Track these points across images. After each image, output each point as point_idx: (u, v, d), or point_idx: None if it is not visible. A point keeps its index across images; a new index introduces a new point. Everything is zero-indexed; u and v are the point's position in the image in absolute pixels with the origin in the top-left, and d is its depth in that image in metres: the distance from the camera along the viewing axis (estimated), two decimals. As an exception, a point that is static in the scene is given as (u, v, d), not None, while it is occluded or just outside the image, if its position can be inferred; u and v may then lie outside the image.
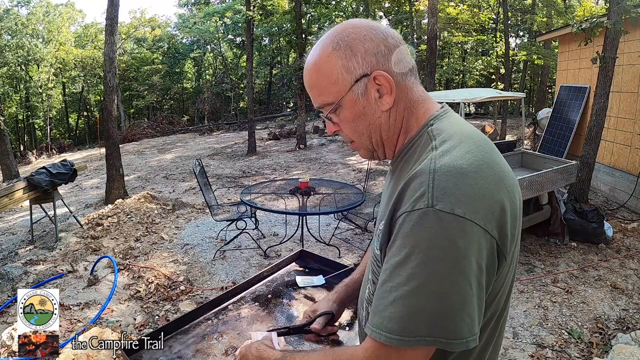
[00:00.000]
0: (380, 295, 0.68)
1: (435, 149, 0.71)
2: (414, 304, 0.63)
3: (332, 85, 0.77)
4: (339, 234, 4.92)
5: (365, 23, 0.79)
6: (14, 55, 20.60)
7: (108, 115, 6.92)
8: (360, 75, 0.76)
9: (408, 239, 0.65)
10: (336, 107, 0.79)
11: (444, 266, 0.62)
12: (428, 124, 0.78)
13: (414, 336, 0.63)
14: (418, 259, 0.63)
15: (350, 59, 0.76)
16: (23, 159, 16.45)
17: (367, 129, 0.80)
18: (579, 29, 5.46)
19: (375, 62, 0.76)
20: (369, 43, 0.76)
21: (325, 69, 0.78)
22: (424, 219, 0.63)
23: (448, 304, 0.62)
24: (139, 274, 3.94)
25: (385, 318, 0.65)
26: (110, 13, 6.88)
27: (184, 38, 28.79)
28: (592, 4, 15.23)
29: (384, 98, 0.77)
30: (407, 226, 0.65)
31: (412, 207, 0.65)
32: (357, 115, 0.79)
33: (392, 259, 0.67)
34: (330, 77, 0.77)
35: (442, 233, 0.62)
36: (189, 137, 18.56)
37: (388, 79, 0.76)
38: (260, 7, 13.27)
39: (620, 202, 5.78)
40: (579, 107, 7.13)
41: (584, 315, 3.16)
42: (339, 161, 10.37)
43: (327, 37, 0.79)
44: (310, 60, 0.80)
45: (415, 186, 0.67)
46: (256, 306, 1.41)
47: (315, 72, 0.80)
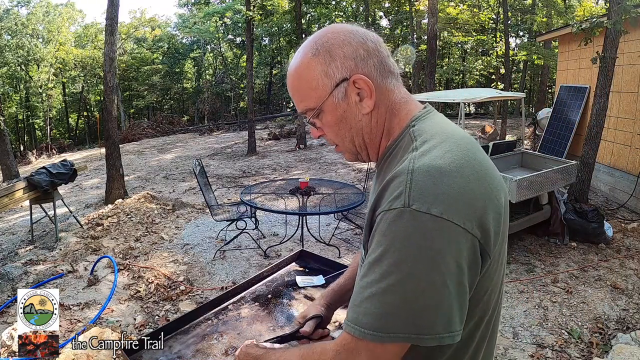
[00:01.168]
0: (358, 291, 0.68)
1: (415, 149, 0.71)
2: (388, 301, 0.64)
3: (313, 90, 0.78)
4: (339, 234, 4.92)
5: (345, 28, 0.80)
6: (14, 55, 20.60)
7: (108, 115, 6.92)
8: (339, 80, 0.77)
9: (384, 237, 0.65)
10: (318, 112, 0.80)
11: (419, 265, 0.62)
12: (410, 125, 0.78)
13: (387, 333, 0.63)
14: (393, 257, 0.64)
15: (330, 64, 0.76)
16: (23, 159, 16.45)
17: (350, 132, 0.81)
18: (579, 29, 5.46)
19: (354, 66, 0.76)
20: (348, 47, 0.77)
21: (306, 74, 0.78)
22: (400, 218, 0.64)
23: (422, 303, 0.63)
24: (139, 274, 3.94)
25: (360, 313, 0.66)
26: (110, 13, 6.88)
27: (184, 38, 28.80)
28: (592, 4, 15.23)
29: (364, 101, 0.78)
30: (384, 225, 0.66)
31: (389, 207, 0.66)
32: (339, 120, 0.80)
33: (369, 256, 0.68)
34: (311, 82, 0.78)
35: (417, 233, 0.63)
36: (189, 137, 18.56)
37: (367, 82, 0.76)
38: (260, 7, 13.28)
39: (620, 202, 5.78)
40: (579, 107, 7.13)
41: (584, 315, 3.16)
42: (339, 161, 10.37)
43: (307, 43, 0.80)
44: (292, 67, 0.81)
45: (394, 186, 0.67)
46: (256, 306, 1.41)
47: (296, 79, 0.81)
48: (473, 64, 19.20)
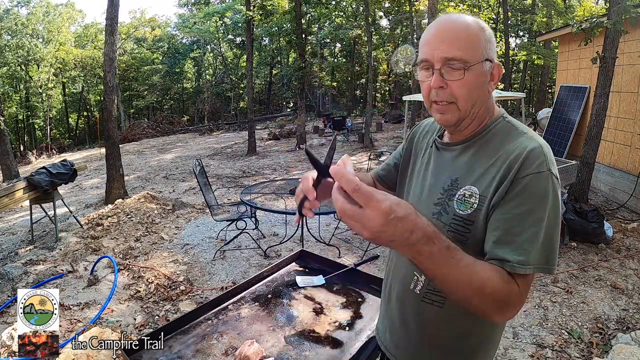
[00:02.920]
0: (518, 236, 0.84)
1: (527, 133, 0.93)
2: (551, 240, 0.85)
3: (473, 49, 0.91)
4: (339, 234, 4.92)
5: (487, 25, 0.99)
6: (14, 55, 20.60)
7: (108, 115, 6.92)
8: (490, 58, 0.94)
9: (534, 193, 0.85)
10: (467, 66, 0.90)
11: (556, 210, 0.86)
12: (502, 116, 0.99)
13: (553, 265, 0.85)
14: (546, 205, 0.85)
15: (489, 43, 0.94)
16: (23, 159, 16.46)
17: (477, 98, 0.95)
18: (579, 29, 5.46)
19: (494, 56, 0.96)
20: (494, 43, 0.98)
21: (474, 35, 0.92)
22: (546, 178, 0.86)
23: (557, 238, 0.87)
24: (139, 274, 3.94)
25: (531, 252, 0.83)
26: (110, 13, 6.88)
27: (184, 38, 28.81)
28: (592, 4, 15.22)
29: (490, 84, 0.96)
30: (534, 184, 0.85)
31: (537, 170, 0.86)
32: (478, 84, 0.93)
33: (521, 207, 0.85)
34: (475, 43, 0.92)
35: (554, 189, 0.86)
36: (189, 137, 18.56)
37: (501, 71, 0.98)
38: (260, 7, 13.28)
39: (620, 202, 5.78)
40: (579, 107, 7.13)
41: (584, 315, 3.16)
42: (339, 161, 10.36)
43: (472, 19, 0.95)
44: (463, 22, 0.93)
45: (535, 155, 0.87)
46: (256, 306, 1.40)
47: (465, 31, 0.92)
48: (473, 64, 19.16)
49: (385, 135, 14.81)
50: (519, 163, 0.87)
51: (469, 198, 0.92)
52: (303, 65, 12.55)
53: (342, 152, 11.73)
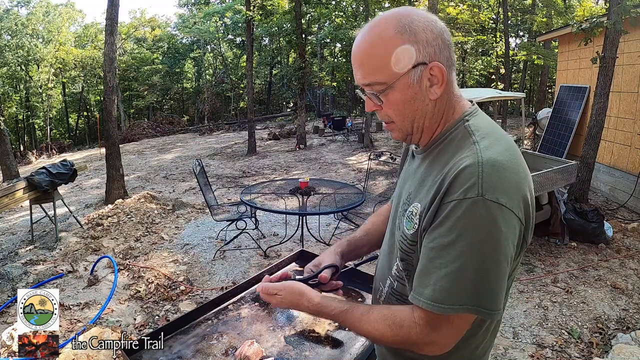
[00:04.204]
0: (430, 271, 0.76)
1: (476, 143, 0.78)
2: (462, 278, 0.72)
3: (388, 66, 0.79)
4: (339, 234, 4.92)
5: (426, 14, 0.82)
6: (14, 55, 20.60)
7: (108, 115, 6.92)
8: (418, 63, 0.79)
9: (459, 222, 0.72)
10: (387, 88, 0.81)
11: (489, 247, 0.71)
12: (464, 119, 0.85)
13: (460, 304, 0.72)
14: (467, 239, 0.72)
15: (415, 44, 0.78)
16: (23, 159, 16.46)
17: (413, 113, 0.84)
18: (579, 29, 5.46)
19: (433, 53, 0.80)
20: (430, 34, 0.79)
21: (386, 49, 0.79)
22: (474, 206, 0.71)
23: (490, 279, 0.72)
24: (139, 274, 3.94)
25: (437, 291, 0.74)
26: (110, 13, 6.88)
27: (184, 38, 28.81)
28: (592, 4, 15.22)
29: (434, 88, 0.82)
30: (459, 211, 0.72)
31: (463, 196, 0.72)
32: (407, 100, 0.82)
33: (440, 239, 0.75)
34: (389, 58, 0.79)
35: (489, 219, 0.71)
36: (189, 137, 18.56)
37: (443, 71, 0.81)
38: (260, 7, 13.27)
39: (620, 202, 5.78)
40: (579, 107, 7.13)
41: (584, 315, 3.16)
42: (339, 161, 10.37)
43: (390, 18, 0.80)
44: (369, 36, 0.81)
45: (466, 176, 0.73)
46: (256, 306, 1.40)
47: (372, 50, 0.80)
48: (473, 64, 19.19)
49: (385, 135, 14.81)
50: (446, 185, 0.75)
51: (413, 216, 0.83)
52: (303, 65, 12.55)
53: (342, 152, 11.73)
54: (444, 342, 0.78)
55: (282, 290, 0.96)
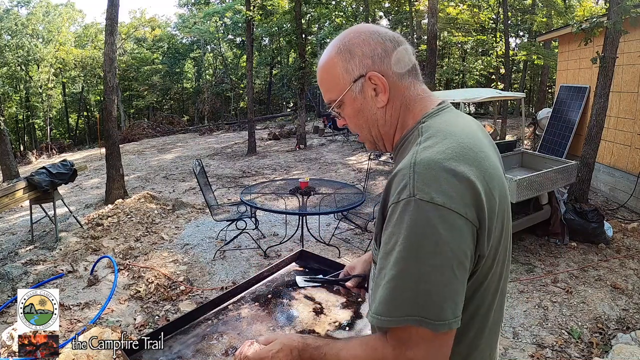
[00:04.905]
0: (378, 283, 0.72)
1: (419, 144, 0.76)
2: (399, 286, 0.68)
3: (335, 84, 0.87)
4: (339, 234, 4.92)
5: (367, 28, 0.87)
6: (14, 55, 20.60)
7: (108, 115, 6.92)
8: (357, 76, 0.85)
9: (395, 228, 0.70)
10: (339, 103, 0.88)
11: (425, 251, 0.66)
12: (421, 120, 0.84)
13: (401, 316, 0.67)
14: (402, 245, 0.68)
15: (349, 62, 0.85)
16: (23, 159, 16.46)
17: (366, 123, 0.89)
18: (579, 29, 5.46)
19: (371, 64, 0.84)
20: (367, 47, 0.84)
21: (331, 70, 0.87)
22: (407, 207, 0.68)
23: (431, 287, 0.66)
24: (139, 274, 3.94)
25: (380, 302, 0.70)
26: (110, 13, 6.88)
27: (184, 38, 28.79)
28: (592, 4, 15.22)
29: (379, 96, 0.85)
30: (394, 216, 0.70)
31: (397, 199, 0.71)
32: (357, 111, 0.88)
33: (383, 247, 0.72)
34: (335, 77, 0.87)
35: (423, 220, 0.67)
36: (189, 137, 18.56)
37: (381, 79, 0.83)
38: (260, 7, 13.28)
39: (620, 202, 5.78)
40: (579, 107, 7.13)
41: (584, 315, 3.16)
42: (339, 161, 10.37)
43: (334, 41, 0.89)
44: (321, 62, 0.90)
45: (398, 180, 0.72)
46: (256, 306, 1.40)
47: (323, 72, 0.90)
48: (473, 64, 19.19)
49: (385, 135, 14.79)
50: (386, 189, 0.76)
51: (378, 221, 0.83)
52: (303, 65, 12.55)
53: (342, 152, 11.73)
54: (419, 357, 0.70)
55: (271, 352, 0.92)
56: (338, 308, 1.40)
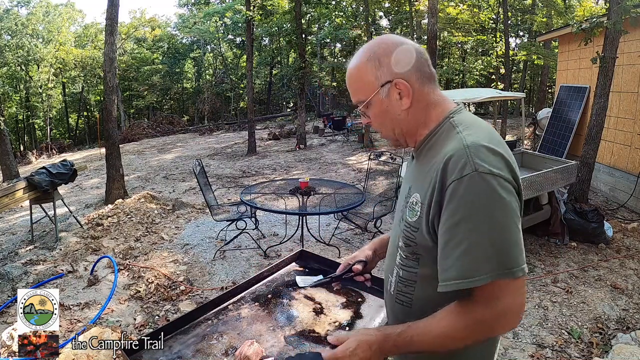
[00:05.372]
0: (448, 254, 0.84)
1: (460, 133, 0.92)
2: (479, 248, 0.80)
3: (364, 87, 1.00)
4: (339, 234, 4.92)
5: (394, 39, 1.01)
6: (14, 55, 20.59)
7: (108, 115, 6.92)
8: (385, 82, 0.98)
9: (462, 200, 0.82)
10: (367, 104, 1.01)
11: (495, 214, 0.80)
12: (449, 117, 0.99)
13: (486, 273, 0.79)
14: (474, 212, 0.80)
15: (378, 69, 0.98)
16: (23, 159, 16.46)
17: (391, 122, 1.02)
18: (579, 29, 5.46)
19: (396, 71, 0.97)
20: (393, 56, 0.98)
21: (361, 75, 1.01)
22: (472, 181, 0.81)
23: (505, 243, 0.80)
24: (139, 274, 3.94)
25: (460, 268, 0.81)
26: (110, 13, 6.88)
27: (184, 38, 28.80)
28: (592, 4, 15.21)
29: (403, 100, 0.99)
30: (460, 190, 0.82)
31: (460, 175, 0.83)
32: (382, 112, 1.01)
33: (450, 220, 0.83)
34: (364, 80, 1.00)
35: (488, 188, 0.81)
36: (189, 137, 18.56)
37: (406, 85, 0.97)
38: (260, 7, 13.28)
39: (620, 202, 5.78)
40: (579, 107, 7.13)
41: (584, 315, 3.16)
42: (339, 161, 10.37)
43: (365, 49, 1.01)
44: (352, 66, 1.03)
45: (456, 160, 0.85)
46: (256, 306, 1.41)
47: (354, 77, 1.02)
48: (473, 64, 19.18)
49: (385, 135, 14.79)
50: (441, 172, 0.86)
51: (414, 205, 0.96)
52: (303, 65, 12.55)
53: (342, 152, 11.73)
54: (513, 307, 0.83)
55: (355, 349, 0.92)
56: (338, 308, 1.40)
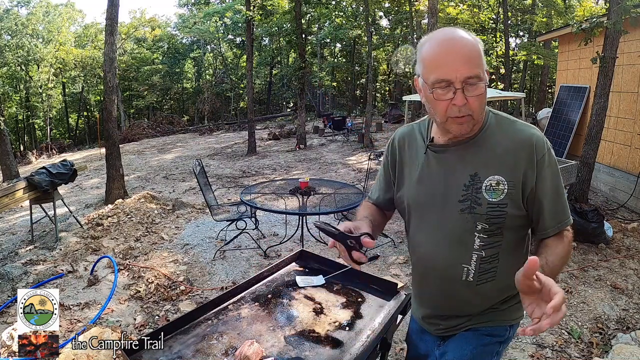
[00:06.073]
0: (558, 202, 1.12)
1: (515, 121, 1.14)
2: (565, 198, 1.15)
3: (482, 65, 1.04)
4: (339, 234, 4.91)
5: None
6: (14, 55, 20.60)
7: (108, 115, 6.92)
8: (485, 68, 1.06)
9: (552, 167, 1.10)
10: (482, 80, 1.03)
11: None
12: (490, 110, 1.15)
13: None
14: (558, 174, 1.11)
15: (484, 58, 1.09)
16: (23, 159, 16.47)
17: (483, 107, 1.09)
18: (579, 29, 5.46)
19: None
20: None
21: (479, 51, 1.05)
22: (551, 153, 1.10)
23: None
24: (139, 274, 3.94)
25: (566, 214, 1.14)
26: (110, 13, 6.88)
27: (184, 38, 28.81)
28: (592, 4, 15.21)
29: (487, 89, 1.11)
30: (552, 159, 1.10)
31: (546, 148, 1.09)
32: (484, 95, 1.06)
33: (553, 180, 1.10)
34: (481, 59, 1.05)
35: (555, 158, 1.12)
36: (189, 137, 18.57)
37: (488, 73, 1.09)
38: (260, 7, 13.28)
39: (620, 202, 5.78)
40: (579, 107, 7.13)
41: (584, 315, 3.16)
42: (338, 161, 10.37)
43: (468, 33, 1.06)
44: (470, 40, 1.04)
45: (540, 141, 1.09)
46: (256, 306, 1.40)
47: (475, 49, 1.04)
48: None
49: (385, 135, 14.81)
50: (533, 148, 1.07)
51: (497, 186, 1.08)
52: (303, 65, 12.55)
53: (342, 152, 11.72)
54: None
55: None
56: (338, 308, 1.40)
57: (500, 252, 1.14)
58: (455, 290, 1.18)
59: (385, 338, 1.31)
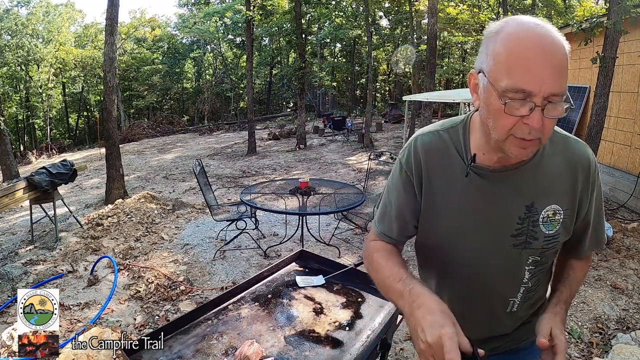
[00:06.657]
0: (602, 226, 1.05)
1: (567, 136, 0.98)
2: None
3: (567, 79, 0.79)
4: (339, 234, 4.92)
5: None
6: (14, 55, 20.61)
7: (108, 115, 6.92)
8: None
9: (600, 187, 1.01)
10: (567, 102, 0.78)
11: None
12: None
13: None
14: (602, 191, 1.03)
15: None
16: (23, 159, 16.47)
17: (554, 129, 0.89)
18: (579, 29, 5.45)
19: None
20: None
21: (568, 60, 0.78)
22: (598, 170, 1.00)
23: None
24: (139, 274, 3.94)
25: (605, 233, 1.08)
26: (110, 13, 6.88)
27: (184, 38, 28.83)
28: (592, 4, 15.22)
29: None
30: (599, 180, 1.00)
31: (596, 166, 0.99)
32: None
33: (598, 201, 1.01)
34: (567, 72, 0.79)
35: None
36: (189, 137, 18.57)
37: None
38: (260, 7, 13.29)
39: (620, 202, 5.78)
40: (579, 107, 7.13)
41: (584, 315, 3.16)
42: (339, 161, 10.37)
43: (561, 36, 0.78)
44: (562, 44, 0.77)
45: (593, 163, 0.97)
46: (256, 306, 1.40)
47: (566, 58, 0.77)
48: (473, 64, 19.19)
49: (385, 135, 14.82)
50: (589, 170, 0.96)
51: (553, 216, 0.95)
52: (303, 65, 12.55)
53: (342, 152, 11.72)
54: None
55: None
56: (338, 308, 1.40)
57: (541, 277, 1.05)
58: (497, 322, 1.09)
59: (386, 338, 1.31)
